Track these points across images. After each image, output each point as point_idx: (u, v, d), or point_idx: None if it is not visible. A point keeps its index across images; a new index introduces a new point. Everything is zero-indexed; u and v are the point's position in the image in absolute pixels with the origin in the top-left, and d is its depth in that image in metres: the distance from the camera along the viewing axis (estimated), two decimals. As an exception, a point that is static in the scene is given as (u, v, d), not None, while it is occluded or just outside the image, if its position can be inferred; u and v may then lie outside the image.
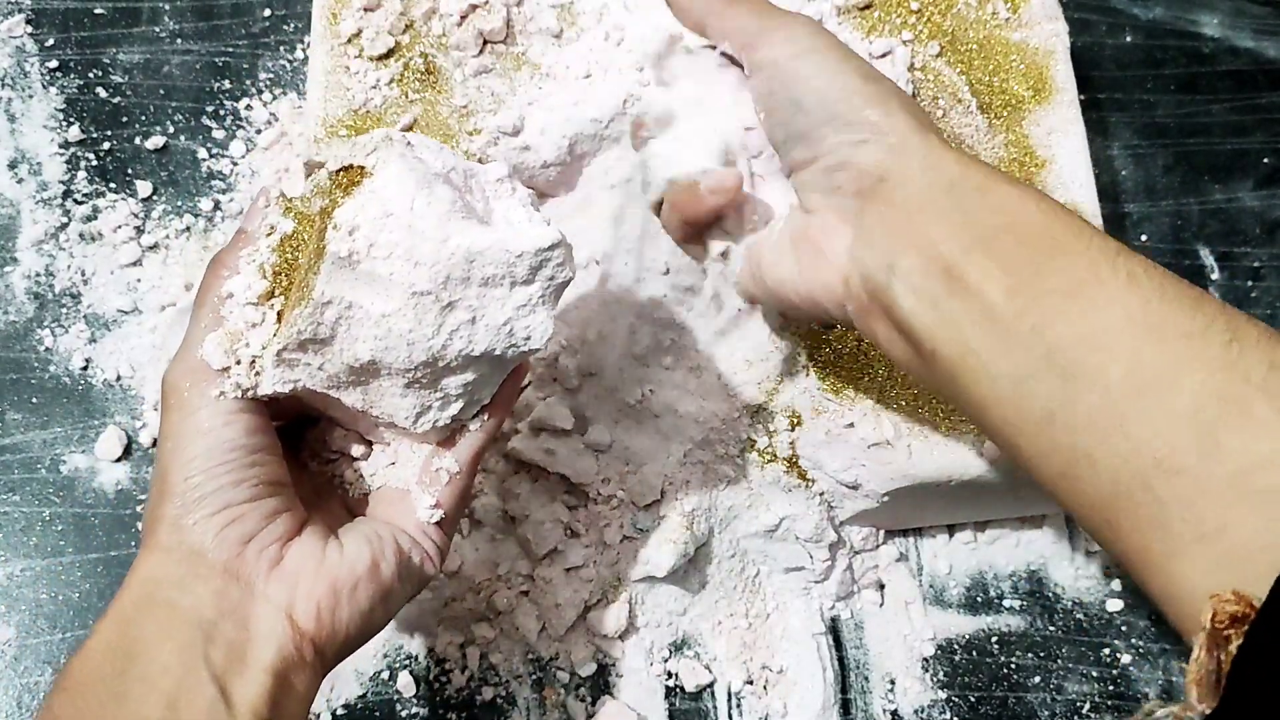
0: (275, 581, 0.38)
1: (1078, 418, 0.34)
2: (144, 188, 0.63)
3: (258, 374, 0.39)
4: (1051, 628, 0.58)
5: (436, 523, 0.42)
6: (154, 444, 0.58)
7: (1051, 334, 0.35)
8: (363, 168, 0.38)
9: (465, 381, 0.39)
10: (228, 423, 0.38)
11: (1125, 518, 0.33)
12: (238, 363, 0.39)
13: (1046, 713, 0.57)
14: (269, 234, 0.40)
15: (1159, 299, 0.34)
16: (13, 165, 0.63)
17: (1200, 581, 0.31)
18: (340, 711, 0.54)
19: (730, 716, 0.56)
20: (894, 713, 0.56)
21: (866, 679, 0.57)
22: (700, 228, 0.49)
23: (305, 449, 0.44)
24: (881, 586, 0.59)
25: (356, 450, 0.43)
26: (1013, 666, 0.58)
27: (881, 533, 0.58)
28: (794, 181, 0.44)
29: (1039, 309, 0.35)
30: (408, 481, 0.42)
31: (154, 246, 0.62)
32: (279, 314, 0.39)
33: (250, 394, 0.39)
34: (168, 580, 0.37)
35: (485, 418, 0.42)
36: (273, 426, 0.40)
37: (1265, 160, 0.69)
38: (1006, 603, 0.59)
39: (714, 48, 0.47)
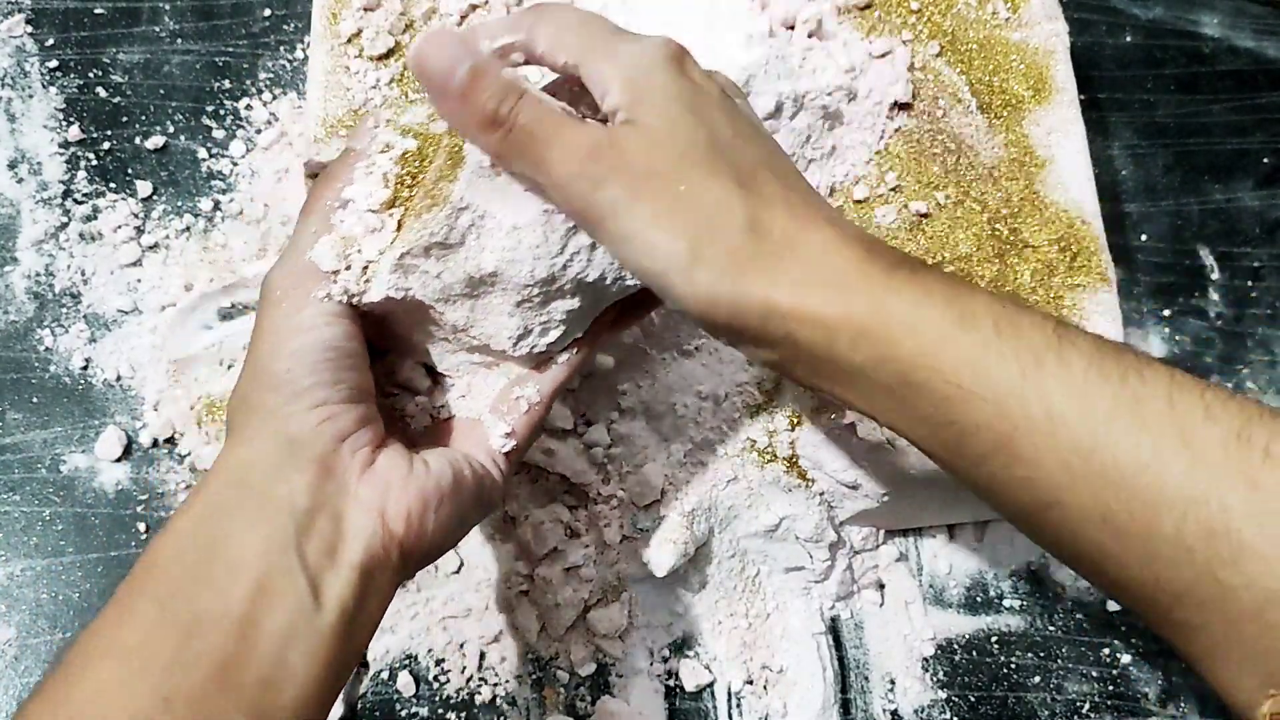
0: (367, 483, 0.37)
1: (1080, 554, 0.35)
2: (144, 187, 0.63)
3: (368, 280, 0.39)
4: (1051, 628, 0.58)
5: (506, 452, 0.42)
6: (154, 444, 0.58)
7: (1006, 495, 0.35)
8: None
9: (570, 309, 0.40)
10: (329, 323, 0.38)
11: (1169, 632, 0.34)
12: (348, 268, 0.39)
13: (1046, 713, 0.57)
14: (384, 150, 0.41)
15: (1095, 435, 0.33)
16: (13, 165, 0.63)
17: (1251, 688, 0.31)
18: (340, 711, 0.54)
19: (730, 716, 0.56)
20: (894, 712, 0.56)
21: (866, 679, 0.57)
22: None
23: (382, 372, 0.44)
24: (881, 586, 0.59)
25: (424, 384, 0.44)
26: (1013, 666, 0.58)
27: (881, 533, 0.59)
28: None
29: (983, 472, 0.35)
30: (479, 412, 0.43)
31: (154, 246, 0.62)
32: (399, 223, 0.39)
33: (356, 299, 0.39)
34: (262, 467, 0.36)
35: (574, 351, 0.43)
36: (364, 335, 0.40)
37: (1265, 160, 0.69)
38: (1006, 603, 0.59)
39: None
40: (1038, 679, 0.57)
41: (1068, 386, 0.33)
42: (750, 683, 0.56)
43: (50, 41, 0.65)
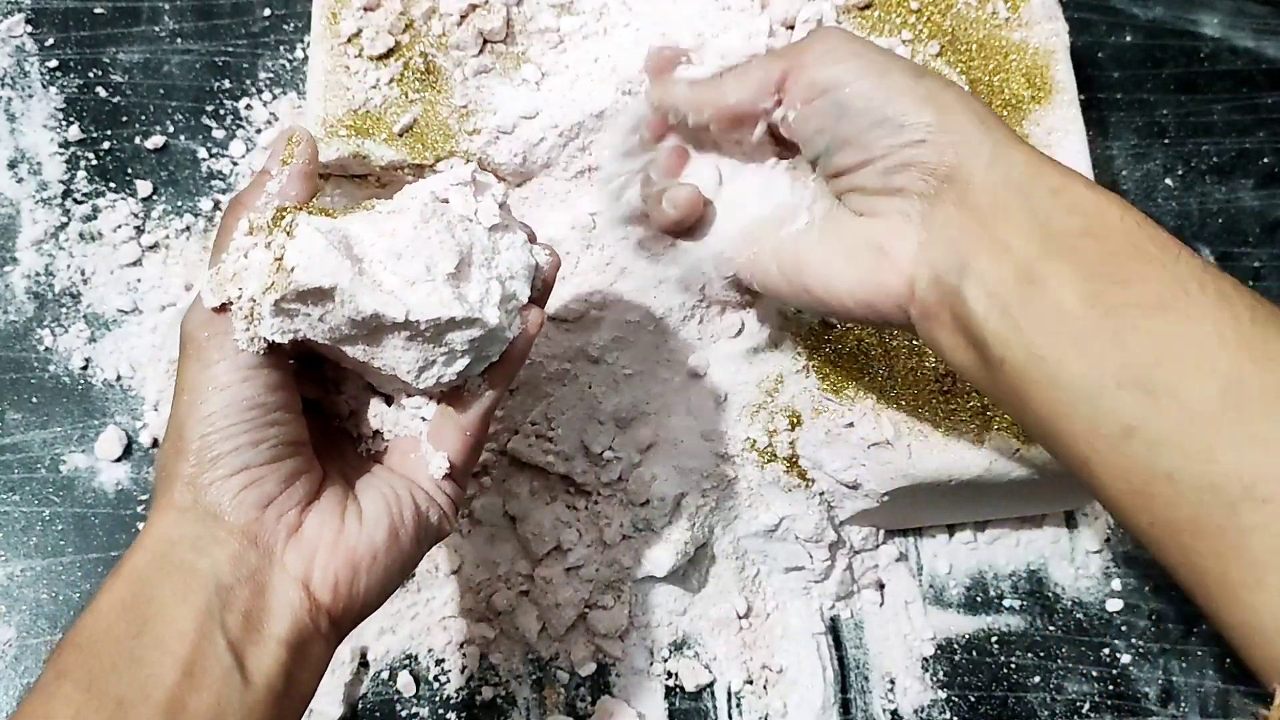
0: (293, 550, 0.37)
1: (1160, 434, 0.32)
2: (144, 187, 0.63)
3: (254, 321, 0.37)
4: (1051, 628, 0.58)
5: (450, 477, 0.41)
6: (154, 444, 0.58)
7: (1135, 345, 0.33)
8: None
9: (471, 337, 0.38)
10: (246, 379, 0.37)
11: (1204, 542, 0.32)
12: (238, 307, 0.37)
13: (1046, 712, 0.57)
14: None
15: (1250, 320, 0.33)
16: (12, 165, 0.63)
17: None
18: (340, 711, 0.54)
19: (730, 716, 0.56)
20: (894, 712, 0.56)
21: (866, 679, 0.57)
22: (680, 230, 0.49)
23: (322, 394, 0.43)
24: (881, 586, 0.59)
25: (372, 401, 0.42)
26: (1012, 666, 0.58)
27: (881, 533, 0.58)
28: (837, 185, 0.42)
29: (1121, 318, 0.34)
30: (421, 434, 0.42)
31: (154, 246, 0.62)
32: (278, 260, 0.37)
33: (261, 344, 0.37)
34: (184, 541, 0.36)
35: (488, 378, 0.41)
36: (293, 381, 0.39)
37: (1265, 160, 0.69)
38: (1006, 603, 0.59)
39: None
40: (1038, 679, 0.57)
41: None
42: (750, 683, 0.56)
43: (50, 41, 0.65)
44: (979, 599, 0.59)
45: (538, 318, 0.40)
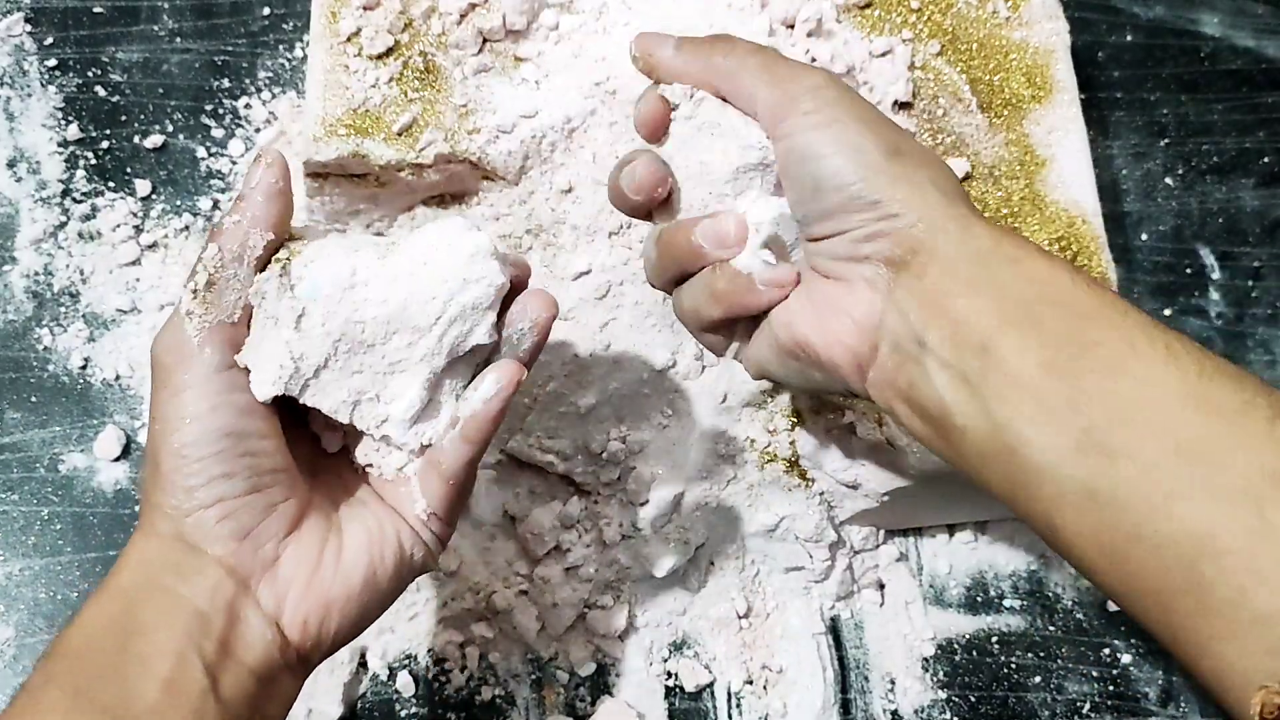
0: (267, 585, 0.38)
1: (1120, 495, 0.33)
2: (143, 186, 0.63)
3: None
4: (1051, 628, 0.58)
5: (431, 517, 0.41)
6: (153, 443, 0.58)
7: (1091, 410, 0.34)
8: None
9: (434, 423, 0.40)
10: (215, 406, 0.37)
11: (1172, 598, 0.32)
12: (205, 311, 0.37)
13: (1046, 712, 0.57)
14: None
15: (1198, 374, 0.33)
16: (11, 164, 0.63)
17: (1251, 667, 0.30)
18: (340, 711, 0.54)
19: (730, 716, 0.56)
20: (894, 712, 0.56)
21: (866, 679, 0.57)
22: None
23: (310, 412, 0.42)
24: (881, 586, 0.59)
25: (364, 439, 0.42)
26: (1013, 666, 0.57)
27: (881, 533, 0.58)
28: (812, 248, 0.41)
29: (1078, 385, 0.34)
30: (412, 474, 0.41)
31: (153, 245, 0.62)
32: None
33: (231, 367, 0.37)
34: (166, 567, 0.37)
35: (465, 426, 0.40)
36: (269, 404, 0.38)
37: (1265, 159, 0.69)
38: (1006, 602, 0.59)
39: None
40: (1038, 679, 0.57)
41: None
42: (750, 683, 0.56)
43: (49, 40, 0.65)
44: (979, 599, 0.59)
45: (513, 375, 0.39)
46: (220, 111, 0.64)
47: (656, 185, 0.42)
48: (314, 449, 0.42)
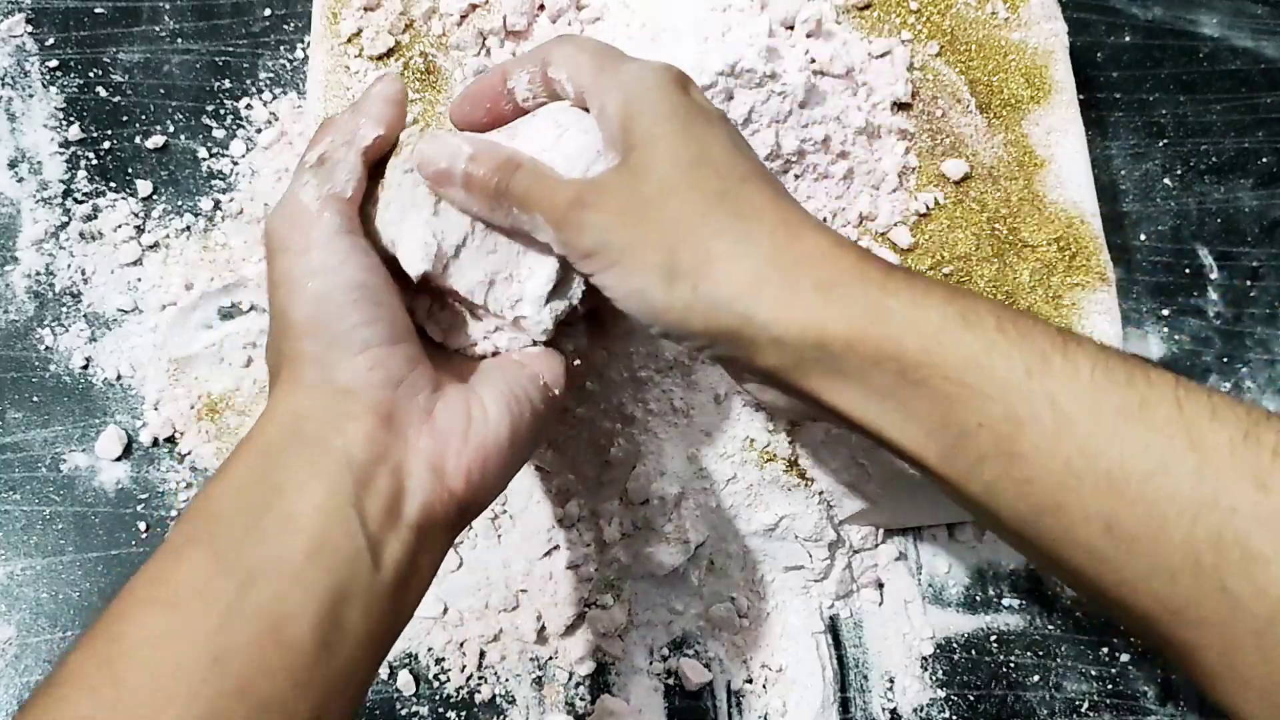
0: (427, 436, 0.36)
1: (1078, 565, 0.33)
2: (144, 187, 0.63)
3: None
4: (1051, 626, 0.58)
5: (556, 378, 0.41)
6: (154, 443, 0.58)
7: (1003, 500, 0.33)
8: None
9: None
10: (344, 261, 0.36)
11: (1165, 651, 0.32)
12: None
13: (1045, 711, 0.57)
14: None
15: (1102, 437, 0.32)
16: (13, 164, 0.63)
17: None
18: (340, 710, 0.54)
19: (730, 715, 0.56)
20: (893, 711, 0.56)
21: (866, 678, 0.57)
22: None
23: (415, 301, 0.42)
24: (881, 585, 0.59)
25: (465, 314, 0.42)
26: (1012, 665, 0.58)
27: (881, 532, 0.59)
28: None
29: (980, 476, 0.34)
30: (524, 343, 0.42)
31: (154, 246, 0.62)
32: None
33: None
34: (316, 416, 0.35)
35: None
36: (386, 270, 0.38)
37: (1264, 160, 0.69)
38: (1005, 601, 0.59)
39: None
40: (1037, 678, 0.57)
41: (1074, 386, 0.32)
42: (750, 681, 0.56)
43: (50, 41, 0.65)
44: (978, 598, 0.59)
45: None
46: (221, 112, 0.65)
47: (488, 99, 0.43)
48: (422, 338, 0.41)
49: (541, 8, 0.56)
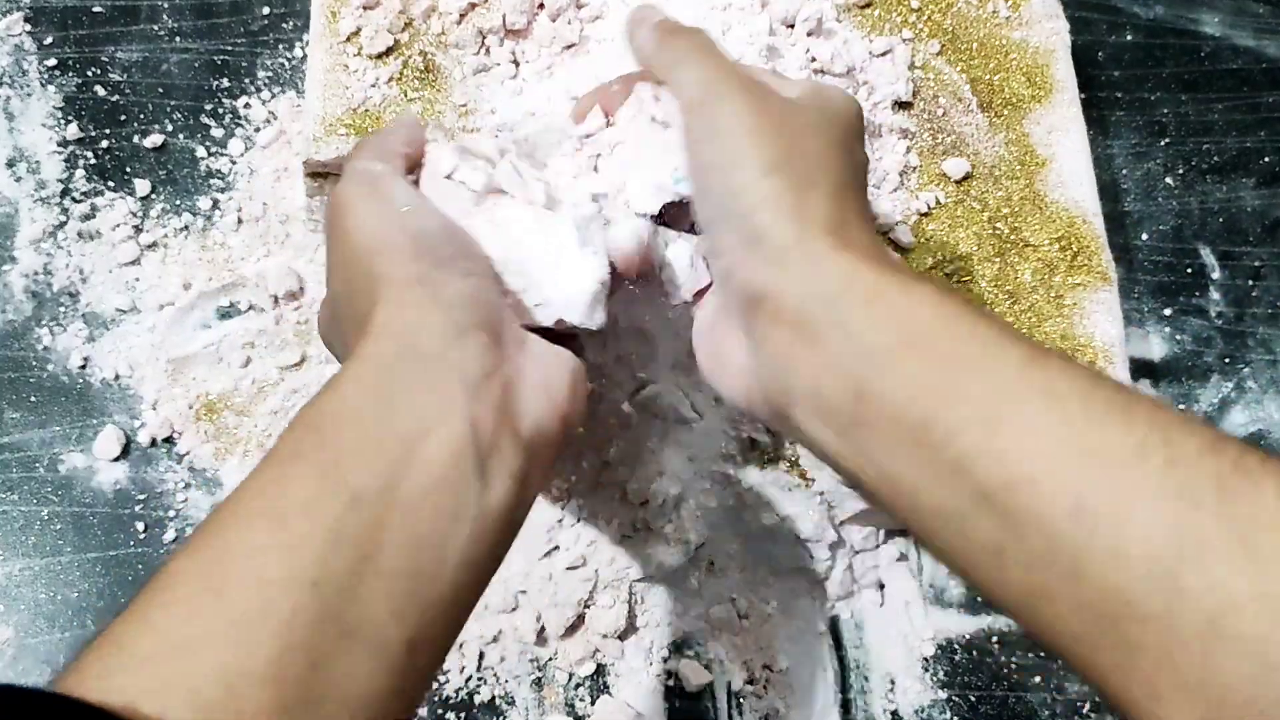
0: (530, 356, 0.36)
1: (1027, 556, 0.30)
2: (142, 186, 0.62)
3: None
4: (1052, 627, 0.58)
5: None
6: (153, 443, 0.58)
7: (978, 471, 0.31)
8: None
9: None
10: (427, 203, 0.38)
11: (1099, 657, 0.30)
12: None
13: (1047, 713, 0.57)
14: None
15: (1084, 418, 0.30)
16: (11, 163, 0.63)
17: None
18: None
19: (730, 717, 0.56)
20: (894, 712, 0.56)
21: (866, 679, 0.57)
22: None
23: None
24: (882, 586, 0.59)
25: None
26: (1013, 666, 0.57)
27: (881, 533, 0.58)
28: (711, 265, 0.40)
29: (958, 442, 0.31)
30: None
31: (152, 245, 0.62)
32: None
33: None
34: (429, 330, 0.34)
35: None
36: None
37: (1266, 159, 0.69)
38: (1007, 602, 0.59)
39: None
40: (1038, 679, 0.57)
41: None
42: (750, 683, 0.56)
43: (49, 40, 0.65)
44: (979, 599, 0.59)
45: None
46: (220, 111, 0.64)
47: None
48: None
49: (541, 6, 0.56)
